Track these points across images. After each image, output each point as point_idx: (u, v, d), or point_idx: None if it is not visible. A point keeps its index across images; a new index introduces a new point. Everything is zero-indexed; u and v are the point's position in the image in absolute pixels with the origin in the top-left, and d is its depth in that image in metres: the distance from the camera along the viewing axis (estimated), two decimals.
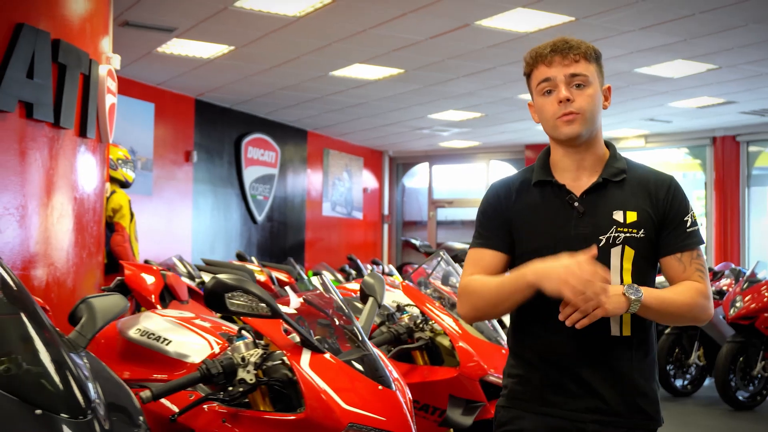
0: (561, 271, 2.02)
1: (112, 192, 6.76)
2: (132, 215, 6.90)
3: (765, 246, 13.80)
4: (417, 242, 15.66)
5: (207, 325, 2.85)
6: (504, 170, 16.44)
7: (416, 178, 18.41)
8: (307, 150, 15.03)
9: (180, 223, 11.97)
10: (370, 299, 3.07)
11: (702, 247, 2.26)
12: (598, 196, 2.23)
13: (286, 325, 2.61)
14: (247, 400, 2.55)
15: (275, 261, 11.54)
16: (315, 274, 10.40)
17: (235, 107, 12.78)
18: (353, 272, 11.06)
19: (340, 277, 10.58)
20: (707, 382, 8.66)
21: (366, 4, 7.50)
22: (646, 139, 14.66)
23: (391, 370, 2.71)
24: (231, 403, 2.51)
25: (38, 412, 1.74)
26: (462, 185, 17.83)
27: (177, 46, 9.06)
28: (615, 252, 2.18)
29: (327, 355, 2.56)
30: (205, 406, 2.52)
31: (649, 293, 2.12)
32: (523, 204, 2.27)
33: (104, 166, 6.11)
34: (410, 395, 2.69)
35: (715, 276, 8.93)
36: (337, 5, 7.46)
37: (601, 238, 2.18)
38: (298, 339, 2.58)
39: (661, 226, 2.22)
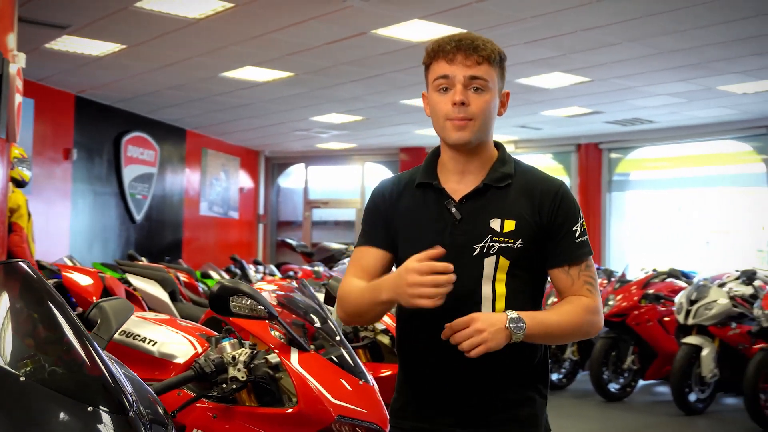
0: (397, 284, 1.94)
1: (10, 191, 6.61)
2: (29, 215, 6.78)
3: (624, 248, 14.68)
4: (294, 242, 15.80)
5: (186, 326, 2.97)
6: (379, 172, 16.78)
7: (291, 179, 18.46)
8: (186, 149, 14.89)
9: (58, 222, 11.67)
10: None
11: (591, 256, 2.15)
12: (477, 202, 2.13)
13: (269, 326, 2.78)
14: (232, 396, 2.70)
15: (153, 261, 11.42)
16: (203, 275, 10.43)
17: (115, 105, 12.53)
18: (239, 272, 11.08)
19: (226, 276, 10.60)
20: (580, 375, 9.18)
21: (268, 10, 7.58)
22: (516, 145, 15.26)
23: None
24: (220, 400, 2.65)
25: (90, 409, 1.77)
26: (337, 186, 18.02)
27: (67, 43, 8.88)
28: (488, 262, 2.07)
29: (312, 353, 2.75)
30: (196, 404, 2.64)
31: (533, 321, 2.00)
32: (404, 206, 2.17)
33: (8, 166, 6.00)
34: (378, 388, 2.90)
35: None
36: (239, 9, 7.52)
37: (475, 247, 2.08)
38: (283, 338, 2.76)
39: (546, 236, 2.11)
